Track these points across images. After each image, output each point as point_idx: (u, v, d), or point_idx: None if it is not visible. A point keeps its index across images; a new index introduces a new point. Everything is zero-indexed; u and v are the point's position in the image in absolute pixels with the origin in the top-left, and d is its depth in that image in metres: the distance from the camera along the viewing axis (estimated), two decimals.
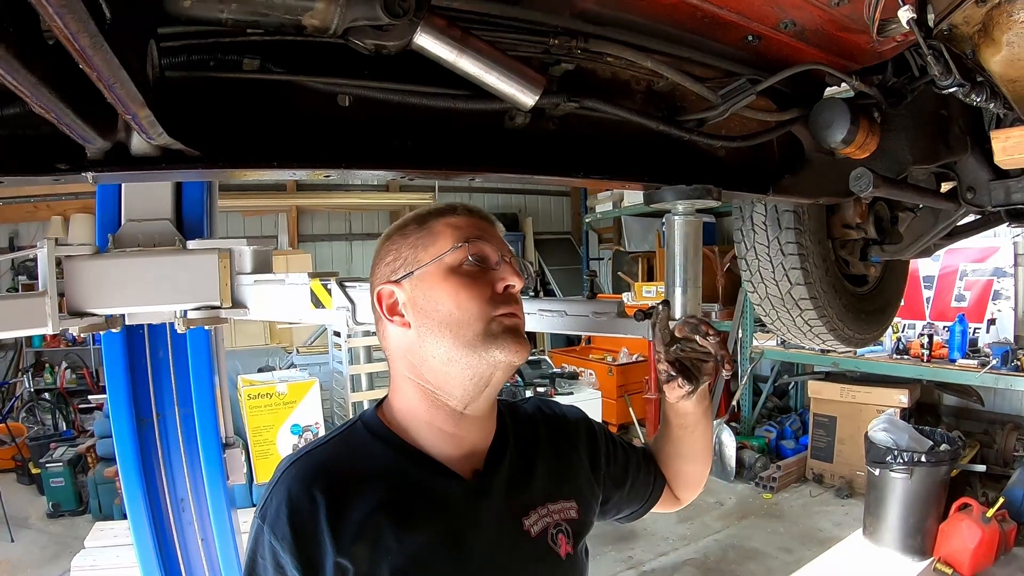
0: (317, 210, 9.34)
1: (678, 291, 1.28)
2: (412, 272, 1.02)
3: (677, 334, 1.15)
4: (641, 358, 7.71)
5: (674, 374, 1.13)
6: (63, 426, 7.39)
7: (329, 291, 1.93)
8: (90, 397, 7.15)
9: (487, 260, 1.03)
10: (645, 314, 1.28)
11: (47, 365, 8.07)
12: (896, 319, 5.73)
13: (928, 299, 5.92)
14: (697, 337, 1.13)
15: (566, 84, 1.12)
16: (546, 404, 1.26)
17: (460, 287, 0.99)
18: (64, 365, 8.02)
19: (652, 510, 1.36)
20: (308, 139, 0.99)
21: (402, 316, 1.03)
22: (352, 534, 0.94)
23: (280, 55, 0.93)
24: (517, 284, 1.03)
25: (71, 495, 5.74)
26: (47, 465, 5.75)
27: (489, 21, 1.00)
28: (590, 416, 1.30)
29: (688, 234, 1.27)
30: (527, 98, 0.92)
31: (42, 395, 7.76)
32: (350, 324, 1.86)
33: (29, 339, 7.88)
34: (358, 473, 0.99)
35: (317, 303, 1.98)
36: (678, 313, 1.27)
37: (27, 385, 7.71)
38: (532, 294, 1.48)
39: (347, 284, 1.88)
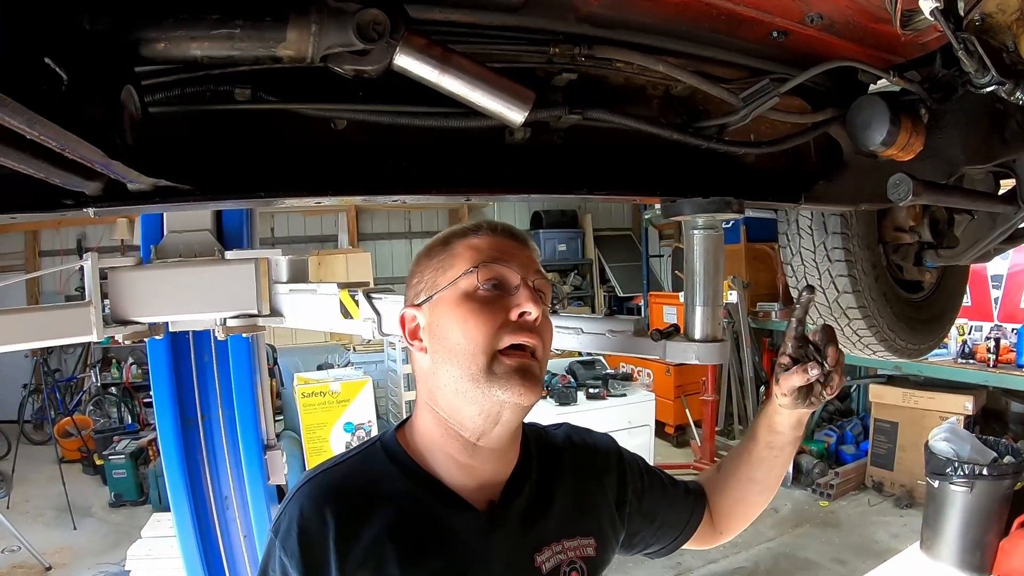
0: (376, 209, 9.49)
1: (698, 310, 1.21)
2: (431, 296, 0.99)
3: (811, 337, 1.08)
4: None
5: (791, 365, 1.06)
6: (128, 419, 7.74)
7: (356, 302, 1.92)
8: None
9: (504, 284, 0.98)
10: (662, 333, 1.22)
11: (114, 361, 8.46)
12: (963, 320, 5.45)
13: (996, 299, 5.57)
14: (827, 349, 1.06)
15: (572, 94, 1.06)
16: (577, 432, 1.22)
17: (469, 314, 0.95)
18: (130, 361, 8.39)
19: (685, 546, 1.29)
20: (302, 165, 0.98)
21: (421, 341, 1.01)
22: (357, 559, 0.92)
23: (273, 83, 0.93)
24: (533, 312, 0.96)
25: (132, 486, 6.02)
26: (110, 457, 6.05)
27: (486, 33, 0.96)
28: (624, 447, 1.25)
29: (708, 250, 1.20)
30: (515, 115, 0.87)
31: (108, 389, 8.14)
32: (375, 335, 1.85)
33: None
34: (371, 496, 0.98)
35: (346, 313, 1.97)
36: (698, 334, 1.20)
37: (94, 380, 8.11)
38: (554, 310, 1.43)
39: (374, 296, 1.87)
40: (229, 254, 2.27)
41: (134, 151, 0.75)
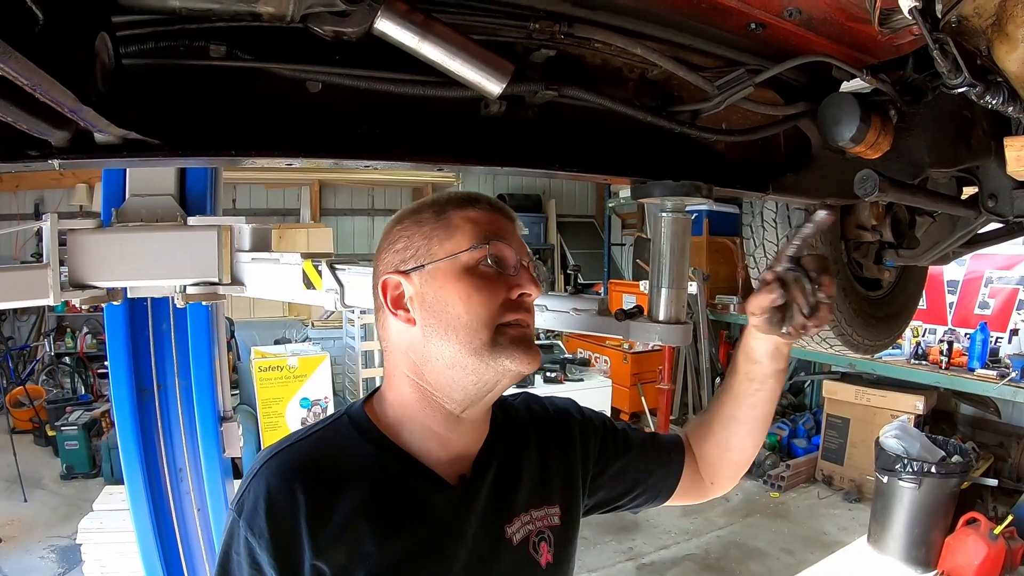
0: (340, 184, 9.33)
1: (663, 292, 1.22)
2: (423, 266, 0.96)
3: (807, 265, 0.99)
4: (657, 347, 7.65)
5: (774, 288, 0.99)
6: (82, 390, 7.55)
7: (320, 272, 1.90)
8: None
9: (505, 263, 0.97)
10: (626, 313, 1.23)
11: (68, 330, 8.23)
12: (917, 323, 5.60)
13: (951, 304, 5.76)
14: (821, 278, 0.99)
15: (550, 71, 1.06)
16: (537, 401, 1.21)
17: (472, 290, 0.93)
18: (85, 330, 8.17)
19: (677, 503, 1.27)
20: (274, 126, 0.96)
21: (407, 311, 0.97)
22: (331, 536, 0.89)
23: (249, 41, 0.90)
24: (534, 294, 0.98)
25: (85, 458, 5.89)
26: (62, 428, 5.90)
27: (468, 4, 0.95)
28: (583, 407, 1.23)
29: (676, 232, 1.21)
30: (493, 86, 0.87)
31: (62, 359, 7.93)
32: (337, 306, 1.84)
33: None
34: (341, 471, 0.94)
35: (308, 284, 1.95)
36: (662, 315, 1.21)
37: (48, 349, 7.89)
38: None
39: (337, 267, 1.85)
40: (192, 220, 2.24)
41: (105, 100, 0.73)
